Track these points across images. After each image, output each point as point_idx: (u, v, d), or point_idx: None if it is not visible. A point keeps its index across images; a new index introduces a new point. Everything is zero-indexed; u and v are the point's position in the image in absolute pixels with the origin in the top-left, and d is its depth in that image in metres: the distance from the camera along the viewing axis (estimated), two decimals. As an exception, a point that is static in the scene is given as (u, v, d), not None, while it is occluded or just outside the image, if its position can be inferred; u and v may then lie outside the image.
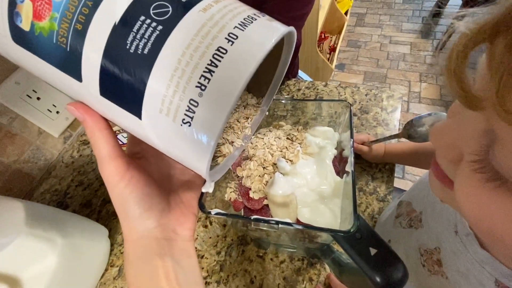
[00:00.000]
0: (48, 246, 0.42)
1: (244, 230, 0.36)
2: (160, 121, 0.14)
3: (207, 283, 0.49)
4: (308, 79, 0.90)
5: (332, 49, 1.86)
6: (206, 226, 0.55)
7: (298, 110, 0.37)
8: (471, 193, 0.15)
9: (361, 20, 2.26)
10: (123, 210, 0.19)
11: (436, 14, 2.11)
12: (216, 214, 0.26)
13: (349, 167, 0.26)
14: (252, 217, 0.25)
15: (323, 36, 1.87)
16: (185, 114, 0.14)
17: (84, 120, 0.17)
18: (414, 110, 1.68)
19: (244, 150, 0.35)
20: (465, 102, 0.13)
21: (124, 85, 0.14)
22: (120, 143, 0.26)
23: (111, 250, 0.55)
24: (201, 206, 0.27)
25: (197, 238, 0.53)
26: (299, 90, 0.71)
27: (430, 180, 0.21)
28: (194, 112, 0.14)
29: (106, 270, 0.53)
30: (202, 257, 0.51)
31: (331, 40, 1.92)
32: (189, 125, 0.14)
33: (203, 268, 0.50)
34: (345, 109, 0.31)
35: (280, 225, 0.24)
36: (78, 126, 0.65)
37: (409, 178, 1.42)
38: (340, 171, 0.31)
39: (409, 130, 0.43)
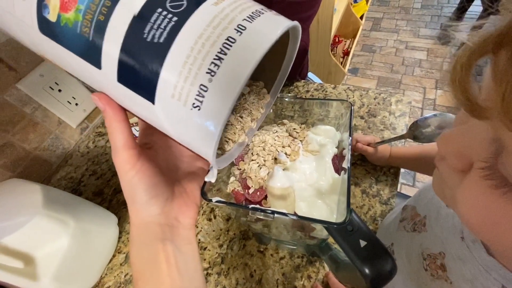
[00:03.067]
0: (62, 228, 0.44)
1: (245, 222, 0.37)
2: (172, 105, 0.16)
3: (208, 274, 0.50)
4: (318, 81, 0.91)
5: (346, 53, 1.85)
6: (210, 220, 0.56)
7: (306, 112, 0.38)
8: (479, 199, 0.16)
9: (377, 24, 2.24)
10: (131, 196, 0.21)
11: (456, 20, 2.06)
12: (217, 201, 0.27)
13: (345, 164, 0.27)
14: (250, 206, 0.26)
15: (337, 40, 1.86)
16: (195, 99, 0.15)
17: (105, 110, 0.19)
18: (428, 117, 1.65)
19: (248, 144, 0.37)
20: (470, 111, 0.14)
21: (139, 71, 0.16)
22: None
23: (119, 237, 0.58)
24: (203, 194, 0.28)
25: (201, 231, 0.55)
26: (307, 91, 0.72)
27: (433, 183, 0.22)
28: (203, 97, 0.15)
29: (113, 256, 0.56)
30: (205, 249, 0.53)
31: (345, 44, 1.91)
32: (199, 109, 0.15)
33: (205, 260, 0.52)
34: (347, 109, 0.32)
35: (275, 215, 0.25)
36: (95, 118, 0.69)
37: (419, 186, 1.39)
38: (339, 169, 0.32)
39: (415, 131, 0.43)
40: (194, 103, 0.15)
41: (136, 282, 0.21)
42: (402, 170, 0.57)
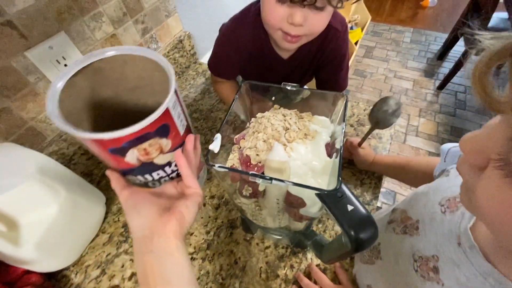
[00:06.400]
0: (52, 196, 0.44)
1: (238, 202, 0.39)
2: None
3: (192, 259, 0.51)
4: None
5: (339, 74, 1.94)
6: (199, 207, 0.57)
7: (305, 102, 0.41)
8: (494, 190, 0.18)
9: (370, 52, 2.38)
10: (128, 215, 0.29)
11: (440, 57, 2.23)
12: (220, 167, 0.29)
13: (338, 144, 0.30)
14: (250, 172, 0.28)
15: (332, 61, 1.96)
16: None
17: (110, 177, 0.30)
18: (410, 143, 1.74)
19: (249, 124, 0.39)
20: (487, 104, 0.17)
21: None
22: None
23: (105, 218, 0.58)
24: (207, 160, 0.30)
25: (189, 216, 0.56)
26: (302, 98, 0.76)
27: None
28: None
29: (97, 235, 0.55)
30: (191, 234, 0.54)
31: (339, 66, 2.01)
32: None
33: (190, 245, 0.52)
34: (342, 101, 0.36)
35: (273, 181, 0.27)
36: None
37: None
38: (331, 155, 0.35)
39: (377, 113, 0.48)
40: None
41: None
42: (383, 189, 0.61)
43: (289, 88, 0.37)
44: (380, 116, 0.47)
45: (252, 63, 0.64)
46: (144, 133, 0.25)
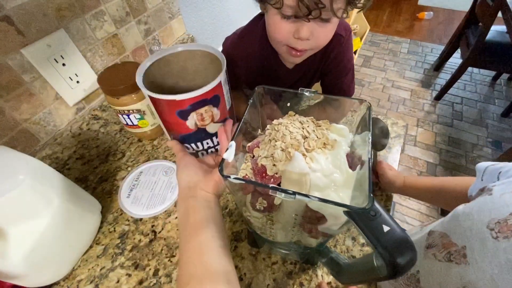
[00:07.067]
0: (45, 203, 0.41)
1: (247, 215, 0.36)
2: None
3: (194, 274, 0.47)
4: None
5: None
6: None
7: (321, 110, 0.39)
8: None
9: (368, 62, 2.41)
10: (178, 171, 0.37)
11: (437, 68, 2.26)
12: (235, 178, 0.26)
13: (365, 156, 0.28)
14: (270, 185, 0.26)
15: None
16: None
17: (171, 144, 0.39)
18: (409, 152, 1.74)
19: (260, 131, 0.37)
20: None
21: None
22: (128, 123, 0.35)
23: (100, 227, 0.54)
24: (221, 170, 0.28)
25: (191, 228, 0.53)
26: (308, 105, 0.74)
27: None
28: None
29: (91, 247, 0.52)
30: (193, 247, 0.50)
31: (338, 74, 2.02)
32: None
33: (192, 258, 0.49)
34: (364, 109, 0.34)
35: (297, 196, 0.25)
36: (93, 100, 0.66)
37: (398, 216, 1.43)
38: (352, 166, 0.33)
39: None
40: None
41: (179, 226, 0.36)
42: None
43: (307, 94, 0.35)
44: (374, 140, 0.46)
45: (258, 74, 0.64)
46: (202, 99, 0.33)
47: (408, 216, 1.42)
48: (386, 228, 0.22)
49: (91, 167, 0.63)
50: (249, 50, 0.59)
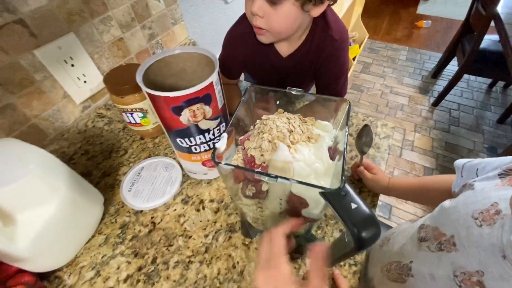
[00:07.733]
0: (52, 192, 0.44)
1: (237, 200, 0.39)
2: None
3: (190, 262, 0.50)
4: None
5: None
6: (198, 210, 0.57)
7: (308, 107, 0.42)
8: None
9: (367, 68, 2.45)
10: None
11: (435, 75, 2.30)
12: (226, 164, 0.30)
13: (341, 147, 0.31)
14: (256, 170, 0.29)
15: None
16: None
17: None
18: (406, 157, 1.76)
19: (252, 127, 0.40)
20: None
21: None
22: (131, 121, 0.42)
23: (102, 218, 0.57)
24: (213, 158, 0.31)
25: (188, 220, 0.56)
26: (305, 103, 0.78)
27: None
28: None
29: (93, 236, 0.55)
30: (190, 237, 0.53)
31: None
32: None
33: (188, 248, 0.52)
34: (345, 106, 0.37)
35: (278, 179, 0.28)
36: (98, 99, 0.70)
37: (394, 220, 1.45)
38: (333, 158, 0.36)
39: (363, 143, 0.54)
40: None
41: None
42: (379, 202, 0.61)
43: (293, 92, 0.38)
44: (362, 146, 0.54)
45: (256, 61, 0.70)
46: (195, 96, 0.37)
47: (405, 219, 1.44)
48: (354, 206, 0.25)
49: (95, 162, 0.66)
50: (246, 30, 0.64)
